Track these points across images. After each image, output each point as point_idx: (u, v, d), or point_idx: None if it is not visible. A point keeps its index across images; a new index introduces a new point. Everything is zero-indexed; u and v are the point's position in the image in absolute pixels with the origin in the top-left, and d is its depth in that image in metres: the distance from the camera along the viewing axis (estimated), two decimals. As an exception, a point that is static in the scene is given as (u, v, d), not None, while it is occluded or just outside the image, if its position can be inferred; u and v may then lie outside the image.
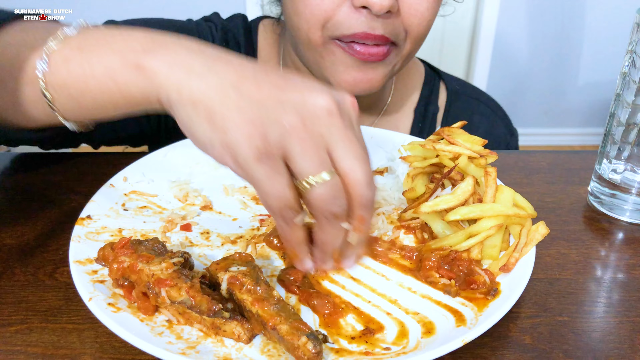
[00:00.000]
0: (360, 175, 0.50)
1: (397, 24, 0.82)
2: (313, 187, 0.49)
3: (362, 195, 0.50)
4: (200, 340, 0.49)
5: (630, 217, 0.74)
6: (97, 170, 0.83)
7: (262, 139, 0.47)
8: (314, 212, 0.51)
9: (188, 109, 0.49)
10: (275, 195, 0.49)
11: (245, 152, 0.47)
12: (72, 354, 0.51)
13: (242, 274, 0.53)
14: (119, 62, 0.54)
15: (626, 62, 0.70)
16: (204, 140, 0.49)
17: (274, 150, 0.48)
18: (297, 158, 0.48)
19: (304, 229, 0.54)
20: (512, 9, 3.30)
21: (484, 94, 1.19)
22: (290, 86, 0.50)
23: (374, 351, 0.49)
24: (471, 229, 0.60)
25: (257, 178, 0.48)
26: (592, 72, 3.56)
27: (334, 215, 0.51)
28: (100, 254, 0.56)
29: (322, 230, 0.53)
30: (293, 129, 0.48)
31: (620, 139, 0.72)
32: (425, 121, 1.10)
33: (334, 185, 0.49)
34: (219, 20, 1.07)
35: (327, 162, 0.49)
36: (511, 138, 1.15)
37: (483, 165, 0.66)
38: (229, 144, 0.48)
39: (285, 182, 0.49)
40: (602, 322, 0.57)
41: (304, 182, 0.49)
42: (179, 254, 0.55)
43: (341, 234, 0.54)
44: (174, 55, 0.52)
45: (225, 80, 0.49)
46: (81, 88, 0.56)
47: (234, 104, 0.48)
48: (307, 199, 0.50)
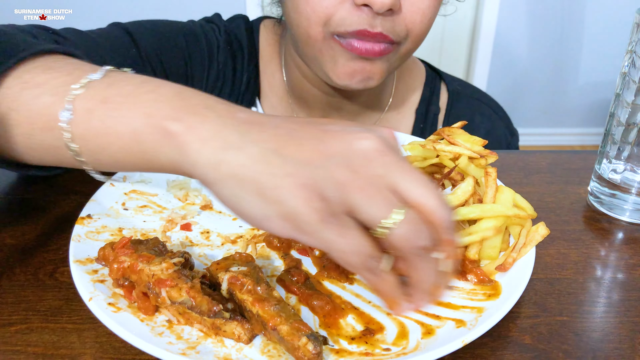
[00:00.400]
0: (433, 200, 0.47)
1: (398, 22, 0.82)
2: (392, 229, 0.46)
3: (443, 219, 0.48)
4: (200, 340, 0.49)
5: (630, 217, 0.74)
6: (97, 170, 0.83)
7: (320, 200, 0.44)
8: (403, 253, 0.48)
9: (231, 186, 0.46)
10: (351, 251, 0.46)
11: (308, 218, 0.44)
12: (72, 354, 0.51)
13: (243, 274, 0.53)
14: (146, 126, 0.49)
15: (626, 62, 0.70)
16: (260, 216, 0.46)
17: (336, 208, 0.45)
18: (364, 207, 0.45)
19: (393, 274, 0.51)
20: (512, 8, 3.30)
21: (485, 95, 1.19)
22: (330, 137, 0.47)
23: (374, 352, 0.49)
24: (471, 230, 0.60)
25: (328, 240, 0.45)
26: (592, 72, 3.56)
27: (423, 249, 0.48)
28: (101, 254, 0.56)
29: (416, 269, 0.50)
30: (348, 180, 0.45)
31: (620, 139, 0.72)
32: (427, 122, 1.11)
33: (412, 220, 0.47)
34: (221, 21, 1.07)
35: (394, 201, 0.46)
36: (512, 138, 1.16)
37: (483, 166, 0.66)
38: (288, 214, 0.45)
39: (357, 234, 0.46)
40: (602, 322, 0.57)
41: (380, 229, 0.46)
42: (179, 254, 0.55)
43: (434, 266, 0.51)
44: (203, 124, 0.47)
45: (265, 147, 0.46)
46: (102, 144, 0.52)
47: (281, 171, 0.45)
48: (391, 244, 0.47)
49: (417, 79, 1.14)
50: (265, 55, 1.09)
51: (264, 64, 1.09)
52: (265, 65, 1.09)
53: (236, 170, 0.45)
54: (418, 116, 1.11)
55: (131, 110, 0.50)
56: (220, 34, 1.04)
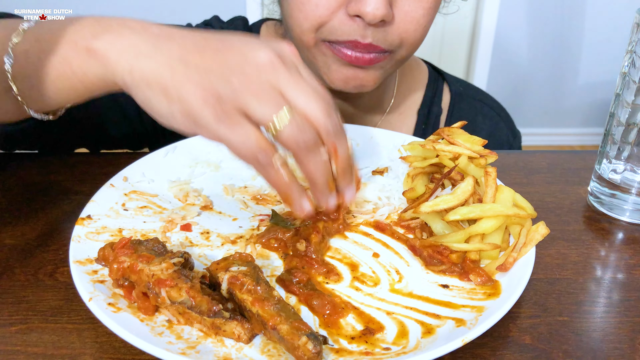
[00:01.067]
0: (316, 107, 0.54)
1: (390, 32, 0.81)
2: (280, 130, 0.52)
3: (324, 125, 0.55)
4: (200, 340, 0.49)
5: (630, 217, 0.74)
6: (97, 170, 0.83)
7: (216, 99, 0.51)
8: (291, 151, 0.55)
9: (143, 88, 0.54)
10: (243, 143, 0.52)
11: (204, 115, 0.51)
12: (72, 354, 0.51)
13: (243, 274, 0.53)
14: (73, 50, 0.58)
15: (626, 62, 0.70)
16: (166, 114, 0.54)
17: (230, 106, 0.52)
18: (254, 107, 0.52)
19: (287, 169, 0.56)
20: (512, 8, 3.30)
21: (487, 96, 1.19)
22: (229, 48, 0.55)
23: (374, 351, 0.49)
24: (471, 229, 0.60)
25: (223, 135, 0.52)
26: (592, 72, 3.56)
27: (307, 144, 0.54)
28: (101, 254, 0.56)
29: (304, 164, 0.56)
30: (242, 84, 0.52)
31: (620, 139, 0.72)
32: (429, 123, 1.10)
33: (297, 120, 0.53)
34: (218, 24, 1.07)
35: (282, 103, 0.53)
36: (514, 140, 1.15)
37: (483, 165, 0.66)
38: (188, 111, 0.52)
39: (248, 129, 0.52)
40: (602, 322, 0.57)
41: (271, 127, 0.52)
42: (179, 254, 0.55)
43: (322, 162, 0.57)
44: (120, 38, 0.56)
45: (171, 55, 0.54)
46: (41, 77, 0.61)
47: (184, 76, 0.52)
48: (280, 142, 0.54)
49: (419, 80, 1.14)
50: None
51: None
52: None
53: (147, 75, 0.53)
54: (420, 117, 1.11)
55: (59, 42, 0.59)
56: None
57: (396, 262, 0.62)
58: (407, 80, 1.12)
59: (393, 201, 0.73)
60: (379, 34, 0.80)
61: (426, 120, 1.10)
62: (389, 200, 0.73)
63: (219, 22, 1.08)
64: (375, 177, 0.77)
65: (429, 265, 0.61)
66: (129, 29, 0.57)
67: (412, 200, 0.70)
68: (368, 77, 0.86)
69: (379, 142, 0.86)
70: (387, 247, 0.65)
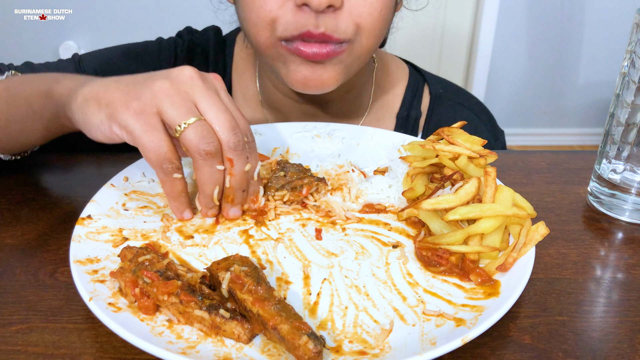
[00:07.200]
0: (223, 122, 0.61)
1: (342, 18, 0.79)
2: (184, 131, 0.59)
3: (227, 139, 0.61)
4: (200, 340, 0.49)
5: (629, 217, 0.74)
6: (97, 170, 0.83)
7: (137, 100, 0.59)
8: (190, 153, 0.61)
9: (83, 106, 0.62)
10: (153, 149, 0.59)
11: (124, 113, 0.59)
12: (73, 353, 0.51)
13: (243, 273, 0.53)
14: (35, 93, 0.72)
15: (626, 62, 0.70)
16: (97, 122, 0.61)
17: (147, 107, 0.59)
18: (167, 109, 0.59)
19: (182, 183, 0.64)
20: (512, 8, 3.30)
21: (469, 98, 1.16)
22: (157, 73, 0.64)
23: (374, 351, 0.49)
24: (470, 229, 0.60)
25: (137, 133, 0.59)
26: (592, 72, 3.56)
27: (205, 153, 0.60)
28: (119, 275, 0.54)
29: (199, 171, 0.62)
30: (161, 89, 0.60)
31: (620, 139, 0.73)
32: (407, 126, 1.08)
33: (201, 126, 0.60)
34: (187, 36, 1.08)
35: (193, 111, 0.60)
36: (495, 143, 1.12)
37: (483, 165, 0.66)
38: (112, 113, 0.60)
39: (161, 136, 0.59)
40: (601, 322, 0.57)
41: (177, 130, 0.59)
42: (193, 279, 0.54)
43: (216, 174, 0.63)
44: (75, 81, 0.67)
45: (107, 81, 0.64)
46: (7, 118, 0.75)
47: (115, 89, 0.61)
48: (182, 143, 0.60)
49: (398, 82, 1.11)
50: (240, 67, 1.08)
51: (238, 75, 1.08)
52: (240, 76, 1.08)
53: (86, 94, 0.63)
54: (398, 121, 1.08)
55: (25, 90, 0.74)
56: (181, 49, 1.06)
57: (396, 262, 0.62)
58: (384, 84, 1.10)
59: (393, 201, 0.73)
60: (331, 21, 0.78)
61: (404, 124, 1.08)
62: (389, 200, 0.73)
63: (189, 33, 1.09)
64: (375, 177, 0.77)
65: (429, 266, 0.61)
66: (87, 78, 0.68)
67: (411, 201, 0.70)
68: (327, 74, 0.84)
69: (379, 142, 0.86)
70: (388, 246, 0.65)
